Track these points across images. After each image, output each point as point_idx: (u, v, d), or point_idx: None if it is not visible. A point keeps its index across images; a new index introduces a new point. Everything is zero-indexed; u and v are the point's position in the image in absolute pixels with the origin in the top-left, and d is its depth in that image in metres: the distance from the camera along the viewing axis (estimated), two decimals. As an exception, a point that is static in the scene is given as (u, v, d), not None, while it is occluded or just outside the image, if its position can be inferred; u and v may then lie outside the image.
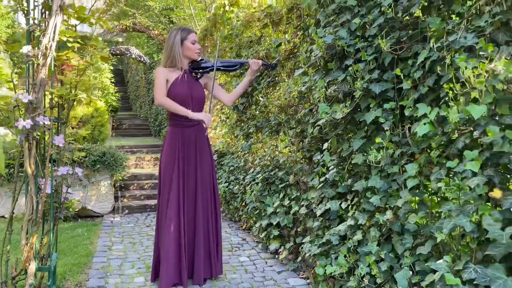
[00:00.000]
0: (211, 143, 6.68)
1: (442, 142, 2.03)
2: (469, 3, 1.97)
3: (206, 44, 6.91)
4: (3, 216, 4.99)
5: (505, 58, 1.71)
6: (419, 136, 2.05)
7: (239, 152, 5.09)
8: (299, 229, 3.40)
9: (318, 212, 2.93)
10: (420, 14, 2.29)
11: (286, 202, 3.56)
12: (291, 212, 3.41)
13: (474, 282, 1.71)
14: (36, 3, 2.71)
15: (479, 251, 1.79)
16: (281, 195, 3.69)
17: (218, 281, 3.11)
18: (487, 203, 1.81)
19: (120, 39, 19.39)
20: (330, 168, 2.92)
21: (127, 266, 3.45)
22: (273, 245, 3.64)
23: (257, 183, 4.09)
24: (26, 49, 2.56)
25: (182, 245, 2.97)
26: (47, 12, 2.72)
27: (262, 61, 3.16)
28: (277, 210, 3.62)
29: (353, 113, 2.62)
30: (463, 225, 1.77)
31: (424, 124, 2.01)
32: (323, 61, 2.83)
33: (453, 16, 2.10)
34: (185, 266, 2.96)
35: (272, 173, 3.92)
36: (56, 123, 2.84)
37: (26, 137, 2.58)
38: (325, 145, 2.97)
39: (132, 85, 16.79)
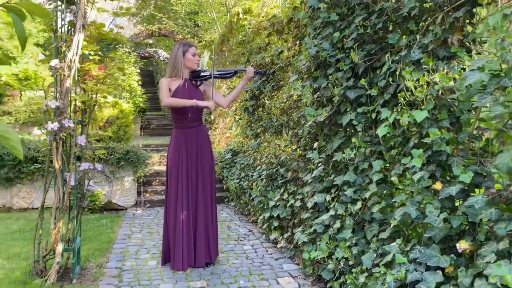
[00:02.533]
0: (227, 143, 7.09)
1: (401, 142, 2.34)
2: (427, 20, 2.26)
3: (223, 49, 7.33)
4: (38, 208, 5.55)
5: (447, 72, 2.01)
6: (381, 137, 2.36)
7: (250, 151, 5.46)
8: (295, 221, 3.74)
9: (309, 205, 3.27)
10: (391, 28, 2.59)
11: (285, 196, 3.90)
12: (288, 205, 3.75)
13: (417, 260, 2.02)
14: (63, 22, 3.17)
15: (424, 235, 2.10)
16: (282, 190, 4.03)
17: (220, 265, 3.49)
18: (435, 195, 2.11)
19: (151, 41, 20.15)
20: (318, 165, 3.25)
21: (143, 251, 3.88)
22: (273, 235, 4.00)
23: (262, 179, 4.45)
24: (54, 62, 3.02)
25: (186, 234, 3.37)
26: (72, 29, 3.18)
27: (254, 69, 3.52)
28: (277, 204, 3.97)
29: (335, 116, 2.94)
30: (410, 213, 2.08)
31: (385, 126, 2.32)
32: (312, 69, 3.17)
33: (417, 33, 2.39)
34: (188, 252, 3.36)
35: (275, 170, 4.27)
36: (80, 125, 3.29)
37: (54, 137, 3.04)
38: (316, 144, 3.30)
39: (161, 86, 17.36)
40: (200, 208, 3.45)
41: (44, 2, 3.26)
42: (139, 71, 11.86)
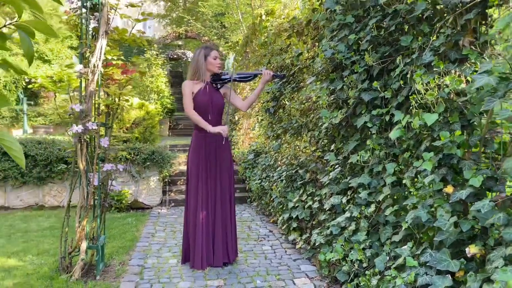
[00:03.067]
0: (250, 143, 7.16)
1: (414, 145, 2.32)
2: (439, 22, 2.24)
3: (247, 50, 7.40)
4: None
5: (459, 75, 1.99)
6: (395, 139, 2.35)
7: (271, 152, 5.50)
8: (314, 222, 3.75)
9: (326, 206, 3.28)
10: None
11: (304, 197, 3.92)
12: (306, 206, 3.77)
13: (428, 264, 2.01)
14: (87, 28, 3.30)
15: (434, 239, 2.08)
16: (301, 191, 4.05)
17: (238, 265, 3.55)
18: (446, 198, 2.09)
19: (180, 42, 20.49)
20: (335, 167, 3.25)
21: (165, 250, 3.99)
22: (292, 236, 4.02)
23: (281, 180, 4.48)
24: (78, 67, 3.15)
25: (205, 234, 3.44)
26: (96, 35, 3.30)
27: (273, 72, 3.55)
28: (296, 205, 3.99)
29: (352, 118, 2.95)
30: (420, 216, 2.07)
31: (397, 129, 2.31)
32: (330, 70, 3.18)
33: (433, 35, 2.37)
34: (207, 251, 3.44)
35: (294, 171, 4.29)
36: (104, 128, 3.42)
37: (79, 139, 3.17)
38: (333, 146, 3.31)
39: (189, 87, 17.66)
40: (218, 209, 3.52)
41: (69, 10, 3.41)
42: (166, 72, 12.08)
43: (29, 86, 10.02)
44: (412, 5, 2.33)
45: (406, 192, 2.48)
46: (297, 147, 4.52)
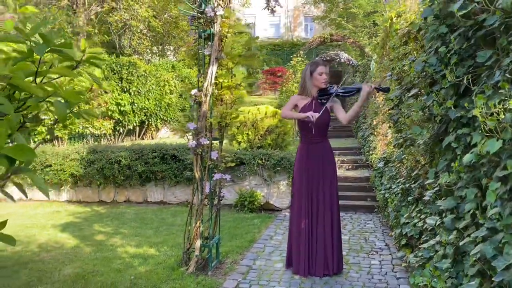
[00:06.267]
0: (383, 150, 6.94)
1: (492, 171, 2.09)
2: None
3: (383, 53, 7.16)
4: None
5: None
6: (465, 164, 2.16)
7: (395, 162, 5.28)
8: (421, 241, 3.55)
9: (427, 227, 3.11)
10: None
11: (414, 214, 3.73)
12: (411, 223, 3.59)
13: (489, 306, 1.83)
14: (203, 56, 3.79)
15: (493, 279, 1.87)
16: (412, 207, 3.86)
17: (337, 277, 3.60)
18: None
19: (340, 42, 20.69)
20: (434, 186, 3.05)
21: (276, 253, 4.28)
22: (401, 253, 3.86)
23: (397, 194, 4.32)
24: (193, 91, 3.67)
25: (307, 242, 3.60)
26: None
27: (376, 85, 3.49)
28: (407, 221, 3.82)
29: (443, 135, 2.75)
30: (486, 251, 1.89)
31: (471, 153, 2.12)
32: (424, 84, 3.00)
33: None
34: (309, 259, 3.59)
35: (408, 185, 4.10)
36: (217, 142, 3.88)
37: (194, 152, 3.69)
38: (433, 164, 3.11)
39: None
40: (320, 219, 3.64)
41: (192, 41, 3.96)
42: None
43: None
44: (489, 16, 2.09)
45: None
46: (414, 159, 4.28)
